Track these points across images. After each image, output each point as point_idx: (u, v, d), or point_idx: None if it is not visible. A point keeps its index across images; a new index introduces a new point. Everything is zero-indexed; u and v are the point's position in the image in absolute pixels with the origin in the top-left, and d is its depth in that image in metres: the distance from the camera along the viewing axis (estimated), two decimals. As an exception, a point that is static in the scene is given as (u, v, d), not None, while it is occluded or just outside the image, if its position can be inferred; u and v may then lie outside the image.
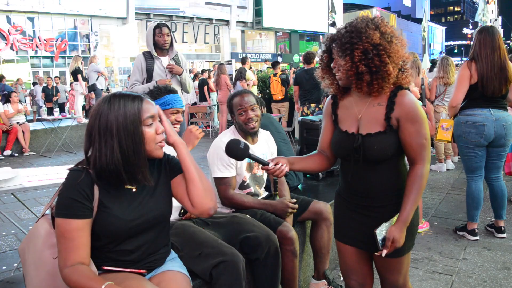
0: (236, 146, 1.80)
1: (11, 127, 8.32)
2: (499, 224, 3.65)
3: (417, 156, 1.66)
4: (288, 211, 2.48)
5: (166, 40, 4.01)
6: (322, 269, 2.68)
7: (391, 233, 1.64)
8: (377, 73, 1.61)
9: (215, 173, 2.49)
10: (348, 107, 1.78)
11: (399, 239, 1.64)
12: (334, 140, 1.81)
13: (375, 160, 1.68)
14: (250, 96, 2.56)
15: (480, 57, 3.30)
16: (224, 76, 9.74)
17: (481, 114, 3.37)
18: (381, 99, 1.69)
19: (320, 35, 33.51)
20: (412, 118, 1.63)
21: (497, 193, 3.59)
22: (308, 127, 3.81)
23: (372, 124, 1.69)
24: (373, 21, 1.65)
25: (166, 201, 1.63)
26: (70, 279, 1.36)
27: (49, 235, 1.52)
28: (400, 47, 1.65)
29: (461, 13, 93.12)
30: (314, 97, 7.25)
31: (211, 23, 27.55)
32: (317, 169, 1.95)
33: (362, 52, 1.60)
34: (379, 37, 1.60)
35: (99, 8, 22.17)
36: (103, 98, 1.47)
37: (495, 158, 3.52)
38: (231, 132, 2.64)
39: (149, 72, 4.08)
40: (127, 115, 1.42)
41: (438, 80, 5.90)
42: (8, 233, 4.00)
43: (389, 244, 1.64)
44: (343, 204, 1.86)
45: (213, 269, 1.82)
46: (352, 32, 1.62)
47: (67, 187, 1.44)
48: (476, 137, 3.39)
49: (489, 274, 2.99)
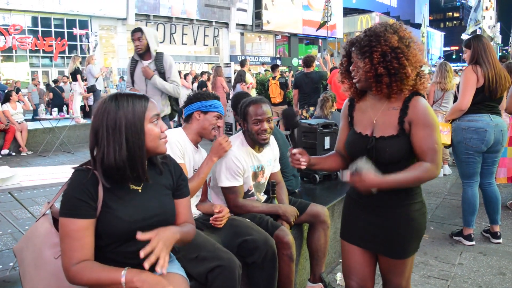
0: (294, 116, 2.00)
1: (8, 126, 8.31)
2: (494, 229, 3.66)
3: (428, 161, 1.66)
4: (295, 217, 2.52)
5: (137, 45, 4.10)
6: (319, 272, 2.69)
7: (366, 172, 1.60)
8: (395, 75, 1.65)
9: (223, 183, 2.47)
10: (364, 110, 1.82)
11: (366, 180, 1.59)
12: (348, 140, 1.86)
13: (387, 162, 1.71)
14: (267, 106, 2.52)
15: (486, 61, 3.31)
16: (220, 78, 9.74)
17: (482, 120, 3.38)
18: (396, 104, 1.72)
19: (319, 39, 33.58)
20: (424, 122, 1.66)
21: (491, 198, 3.61)
22: (306, 131, 3.82)
23: (386, 128, 1.72)
24: (392, 26, 1.70)
25: (170, 205, 1.64)
26: (82, 275, 1.37)
27: (49, 235, 1.52)
28: (417, 51, 1.69)
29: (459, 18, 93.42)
30: (313, 100, 7.25)
31: (210, 25, 27.59)
32: (333, 168, 2.05)
33: (380, 55, 1.64)
34: (397, 41, 1.65)
35: (99, 8, 22.19)
36: (108, 97, 1.50)
37: (490, 164, 3.55)
38: (239, 140, 2.57)
39: (131, 74, 4.29)
40: (135, 113, 1.46)
41: (435, 85, 5.93)
42: (5, 232, 3.99)
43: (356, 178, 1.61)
44: (353, 204, 1.89)
45: (209, 273, 1.83)
46: (371, 36, 1.67)
47: (72, 187, 1.45)
48: (477, 143, 3.40)
49: (485, 279, 3.00)
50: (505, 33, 43.74)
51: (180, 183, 1.71)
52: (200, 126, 2.37)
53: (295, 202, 2.74)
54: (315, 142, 3.74)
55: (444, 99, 5.96)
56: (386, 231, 1.75)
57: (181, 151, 2.28)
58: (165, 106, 4.30)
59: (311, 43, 35.72)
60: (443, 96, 5.95)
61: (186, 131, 2.40)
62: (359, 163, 1.64)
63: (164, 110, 4.28)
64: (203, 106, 2.37)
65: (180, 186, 1.70)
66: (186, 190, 1.74)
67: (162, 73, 4.16)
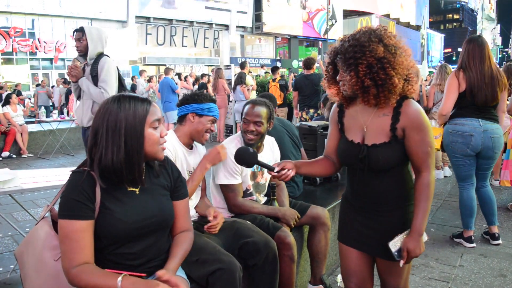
0: (245, 154, 1.83)
1: (9, 129, 8.32)
2: (492, 230, 3.65)
3: (422, 164, 1.68)
4: (295, 219, 2.51)
5: (77, 46, 3.81)
6: (319, 274, 2.69)
7: (405, 244, 1.67)
8: (383, 86, 1.62)
9: (222, 180, 2.48)
10: (354, 117, 1.80)
11: (414, 248, 1.66)
12: (341, 149, 1.84)
13: (380, 170, 1.71)
14: (262, 108, 2.52)
15: (469, 66, 3.32)
16: (222, 80, 9.75)
17: (469, 124, 3.37)
18: (386, 110, 1.70)
19: (319, 41, 33.60)
20: (418, 127, 1.65)
21: (485, 199, 3.61)
22: (306, 133, 3.83)
23: (377, 135, 1.71)
24: (376, 33, 1.65)
25: (168, 206, 1.65)
26: (80, 278, 1.38)
27: (49, 237, 1.53)
28: (404, 57, 1.66)
29: (459, 20, 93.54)
30: (313, 102, 7.27)
31: (210, 28, 27.61)
32: (323, 174, 1.99)
33: (366, 67, 1.61)
34: (383, 51, 1.61)
35: (100, 11, 22.21)
36: (111, 98, 1.50)
37: (483, 170, 3.54)
38: (237, 140, 2.60)
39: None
40: (136, 116, 1.46)
41: (435, 87, 5.93)
42: (5, 234, 3.99)
43: (405, 254, 1.67)
44: (349, 207, 1.88)
45: (209, 275, 1.83)
46: (356, 47, 1.63)
47: (69, 189, 1.45)
48: (462, 147, 3.41)
49: (486, 281, 2.99)
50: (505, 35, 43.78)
51: (178, 184, 1.71)
52: (193, 129, 2.28)
53: (295, 204, 2.74)
54: (315, 144, 3.74)
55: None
56: (381, 234, 1.74)
57: (171, 155, 2.20)
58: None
59: (311, 45, 35.73)
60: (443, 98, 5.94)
61: (178, 133, 2.31)
62: (392, 248, 1.69)
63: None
64: (199, 109, 2.28)
65: (178, 188, 1.71)
66: (184, 191, 1.74)
67: (95, 76, 3.78)
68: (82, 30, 3.79)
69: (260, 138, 2.56)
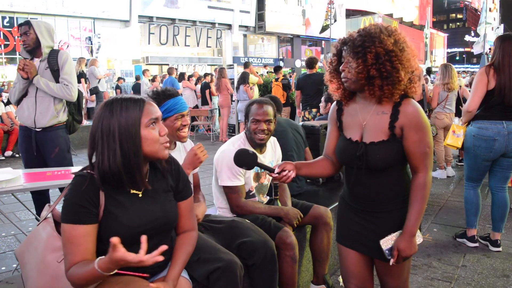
0: (244, 156, 1.82)
1: (13, 128, 8.34)
2: (495, 237, 3.55)
3: (419, 164, 1.67)
4: (298, 219, 2.50)
5: (24, 40, 3.45)
6: (322, 274, 2.68)
7: (397, 244, 1.67)
8: (387, 78, 1.61)
9: (225, 182, 2.48)
10: (353, 114, 1.79)
11: (405, 248, 1.66)
12: (339, 147, 1.83)
13: (378, 168, 1.69)
14: (269, 107, 2.53)
15: (502, 65, 3.20)
16: (225, 80, 9.74)
17: (493, 128, 3.29)
18: (385, 108, 1.69)
19: (322, 40, 33.58)
20: (416, 127, 1.64)
21: (500, 203, 3.51)
22: (309, 132, 3.83)
23: (376, 133, 1.69)
24: (387, 28, 1.66)
25: (171, 208, 1.64)
26: (73, 277, 1.37)
27: (51, 239, 1.52)
28: (411, 56, 1.66)
29: (463, 20, 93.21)
30: (316, 102, 7.25)
31: (213, 27, 27.63)
32: (323, 174, 1.97)
33: (374, 56, 1.60)
34: (392, 43, 1.61)
35: (102, 10, 22.25)
36: (105, 102, 1.49)
37: (505, 168, 3.43)
38: (241, 141, 2.60)
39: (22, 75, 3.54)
40: (129, 118, 1.44)
41: (442, 86, 5.90)
42: (8, 234, 4.00)
43: (395, 253, 1.67)
44: (347, 208, 1.87)
45: (210, 274, 1.83)
46: (365, 36, 1.63)
47: (72, 193, 1.44)
48: (485, 151, 3.34)
49: (488, 282, 2.98)
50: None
51: (182, 184, 1.70)
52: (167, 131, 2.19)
53: (298, 204, 2.74)
54: (318, 144, 3.74)
55: (448, 100, 5.95)
56: (378, 235, 1.73)
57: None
58: (59, 112, 3.52)
59: (313, 44, 35.70)
60: (447, 98, 5.93)
61: None
62: (383, 246, 1.69)
63: (58, 117, 3.50)
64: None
65: (182, 188, 1.70)
66: (188, 191, 1.73)
67: (56, 71, 3.48)
68: (28, 23, 3.44)
69: (270, 137, 2.57)
